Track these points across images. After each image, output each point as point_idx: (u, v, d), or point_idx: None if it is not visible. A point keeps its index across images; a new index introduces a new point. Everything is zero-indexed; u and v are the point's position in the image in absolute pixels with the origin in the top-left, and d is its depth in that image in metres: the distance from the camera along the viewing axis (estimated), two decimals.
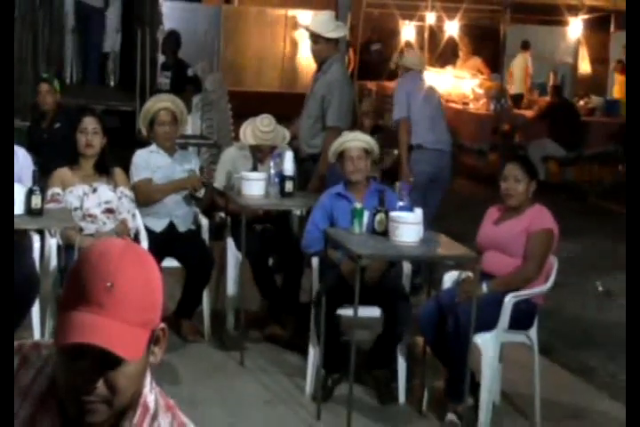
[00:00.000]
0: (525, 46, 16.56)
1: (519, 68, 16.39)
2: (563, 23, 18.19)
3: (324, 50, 7.71)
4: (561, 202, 7.83)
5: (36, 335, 5.65)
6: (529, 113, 14.74)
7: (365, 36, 19.08)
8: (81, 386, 1.79)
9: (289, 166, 6.68)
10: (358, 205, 5.58)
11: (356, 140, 5.96)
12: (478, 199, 6.30)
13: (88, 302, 1.76)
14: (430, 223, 6.04)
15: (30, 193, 5.52)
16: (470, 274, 5.32)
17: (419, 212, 5.44)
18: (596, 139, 13.54)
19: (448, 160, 8.20)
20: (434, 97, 8.62)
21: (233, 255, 6.67)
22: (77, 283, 1.80)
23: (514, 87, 16.11)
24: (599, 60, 19.43)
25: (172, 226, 6.58)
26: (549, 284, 5.36)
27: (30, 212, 5.53)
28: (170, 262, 6.14)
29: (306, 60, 16.36)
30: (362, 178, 5.93)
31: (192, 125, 10.01)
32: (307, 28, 7.91)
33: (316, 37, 7.70)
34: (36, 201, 5.54)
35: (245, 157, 6.97)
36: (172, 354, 5.53)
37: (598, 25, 18.83)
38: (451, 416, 5.23)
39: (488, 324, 5.15)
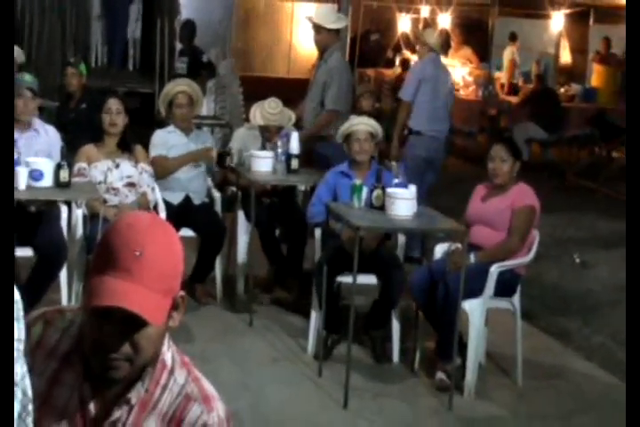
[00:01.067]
0: (513, 38, 16.45)
1: (507, 58, 16.29)
2: (546, 17, 18.20)
3: (326, 39, 7.74)
4: (542, 180, 7.81)
5: (64, 296, 5.66)
6: (514, 99, 14.73)
7: (365, 27, 19.06)
8: (107, 345, 1.80)
9: (294, 145, 6.63)
10: (358, 182, 5.59)
11: (363, 124, 5.96)
12: (467, 177, 6.30)
13: (118, 268, 1.76)
14: (424, 200, 6.02)
15: (59, 167, 5.51)
16: (459, 246, 5.30)
17: (413, 188, 5.42)
18: (575, 123, 13.59)
19: (443, 146, 8.04)
20: (446, 84, 8.35)
21: (243, 226, 6.68)
22: (108, 251, 1.80)
23: (506, 76, 16.02)
24: (579, 50, 19.43)
25: (187, 199, 6.57)
26: (531, 255, 5.37)
27: (59, 184, 5.51)
28: (185, 232, 6.12)
29: (309, 49, 16.30)
30: (366, 158, 5.93)
31: (206, 107, 10.00)
32: (310, 20, 7.86)
33: (318, 28, 7.72)
34: (64, 175, 5.52)
35: (255, 137, 6.95)
36: (186, 315, 5.43)
37: (578, 19, 18.85)
38: (440, 375, 5.24)
39: (475, 291, 5.14)
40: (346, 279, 5.44)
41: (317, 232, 5.95)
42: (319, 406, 4.97)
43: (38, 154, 5.76)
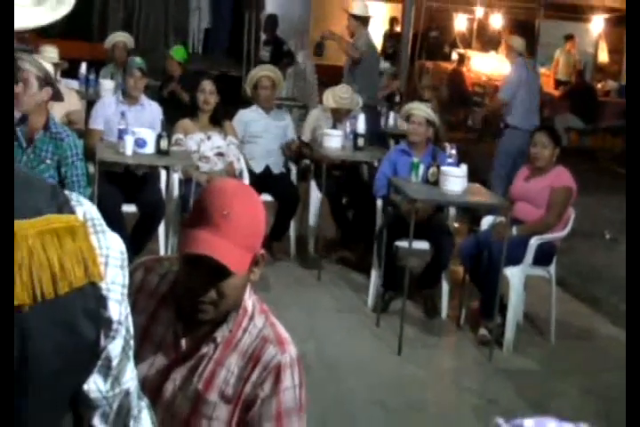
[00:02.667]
0: (570, 38, 16.04)
1: (565, 56, 15.92)
2: (586, 20, 18.06)
3: (353, 26, 8.06)
4: (579, 164, 7.65)
5: (162, 247, 5.77)
6: (556, 92, 14.50)
7: (426, 25, 18.98)
8: (196, 290, 1.84)
9: (361, 126, 6.70)
10: (416, 160, 5.59)
11: (421, 110, 5.93)
12: None
13: (209, 224, 1.79)
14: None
15: (159, 137, 5.59)
16: (503, 219, 5.23)
17: (464, 167, 5.40)
18: (609, 115, 13.38)
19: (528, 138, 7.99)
20: (537, 84, 8.35)
21: (315, 194, 6.71)
22: (201, 209, 1.83)
23: (559, 74, 15.70)
24: (615, 51, 19.19)
25: (267, 168, 6.60)
26: (567, 230, 5.31)
27: (159, 152, 5.58)
28: (265, 197, 6.14)
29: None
30: (419, 139, 5.87)
31: (286, 90, 10.04)
32: (344, 10, 8.16)
33: (348, 16, 8.08)
34: (164, 144, 5.59)
35: (327, 118, 6.99)
36: (264, 269, 5.52)
37: (615, 23, 18.72)
38: (482, 331, 5.22)
39: (516, 259, 5.10)
40: (402, 244, 5.42)
41: (379, 202, 5.92)
42: (376, 352, 4.97)
43: (143, 125, 5.83)
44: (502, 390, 4.59)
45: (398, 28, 16.37)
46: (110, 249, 1.14)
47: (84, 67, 8.14)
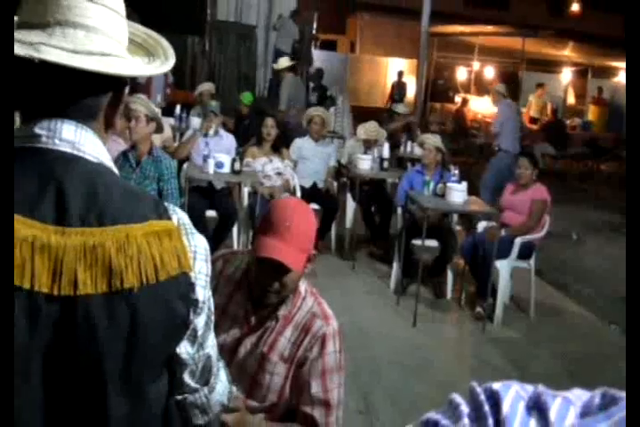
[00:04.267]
0: (540, 85, 15.93)
1: (532, 99, 15.77)
2: (557, 72, 18.20)
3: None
4: (552, 182, 7.55)
5: (235, 242, 5.75)
6: (531, 126, 14.36)
7: (435, 75, 18.96)
8: (265, 282, 1.84)
9: (386, 153, 6.67)
10: (428, 178, 5.55)
11: (431, 140, 5.88)
12: None
13: (274, 233, 1.80)
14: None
15: (233, 161, 5.59)
16: (494, 223, 5.19)
17: (464, 184, 5.37)
18: (576, 144, 13.28)
19: (514, 159, 7.99)
20: (519, 119, 8.32)
21: (350, 203, 6.67)
22: (269, 221, 1.83)
23: (532, 112, 15.52)
24: (580, 95, 19.04)
25: (315, 184, 6.56)
26: (544, 232, 5.22)
27: (233, 171, 5.58)
28: (313, 206, 6.12)
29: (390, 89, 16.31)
30: (430, 162, 5.80)
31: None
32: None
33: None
34: (237, 166, 5.59)
35: (359, 146, 6.95)
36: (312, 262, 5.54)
37: (580, 74, 18.75)
38: (478, 309, 5.16)
39: (504, 254, 5.04)
40: (417, 242, 5.36)
41: (399, 210, 5.86)
42: (396, 324, 4.92)
43: (222, 151, 5.83)
44: (492, 354, 4.53)
45: (403, 79, 16.33)
46: (197, 247, 1.13)
47: (178, 108, 8.22)
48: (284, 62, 8.82)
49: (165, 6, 12.51)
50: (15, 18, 1.04)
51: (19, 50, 0.96)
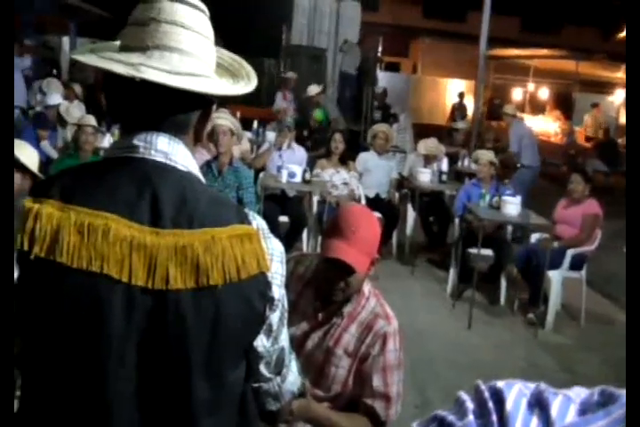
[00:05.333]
0: (595, 105, 15.46)
1: (588, 119, 15.32)
2: (610, 93, 17.56)
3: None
4: (604, 197, 7.29)
5: (304, 245, 5.76)
6: (587, 144, 13.95)
7: (491, 95, 18.68)
8: (331, 281, 1.85)
9: (444, 167, 6.63)
10: (484, 191, 5.47)
11: (486, 155, 5.79)
12: (555, 194, 6.00)
13: (341, 236, 1.80)
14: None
15: (304, 171, 5.64)
16: (547, 235, 5.03)
17: (519, 197, 5.26)
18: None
19: (538, 171, 7.82)
20: (533, 135, 8.14)
21: (410, 213, 6.60)
22: (336, 225, 1.84)
23: (587, 131, 15.08)
24: None
25: (377, 194, 6.52)
26: (595, 244, 5.05)
27: (304, 181, 5.64)
28: (375, 215, 6.09)
29: (450, 107, 16.18)
30: (485, 176, 5.70)
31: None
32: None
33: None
34: (307, 176, 5.65)
35: (420, 160, 6.89)
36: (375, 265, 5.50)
37: None
38: (530, 315, 5.03)
39: (556, 265, 4.90)
40: (473, 250, 5.25)
41: (456, 220, 5.78)
42: (452, 326, 4.85)
43: (294, 162, 5.90)
44: (542, 358, 4.40)
45: (464, 101, 16.03)
46: (274, 249, 1.15)
47: (255, 123, 8.35)
48: (314, 89, 8.95)
49: (246, 32, 12.75)
50: (117, 42, 1.09)
51: (121, 69, 1.00)
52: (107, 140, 5.94)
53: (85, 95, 8.18)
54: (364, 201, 6.13)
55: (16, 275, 1.01)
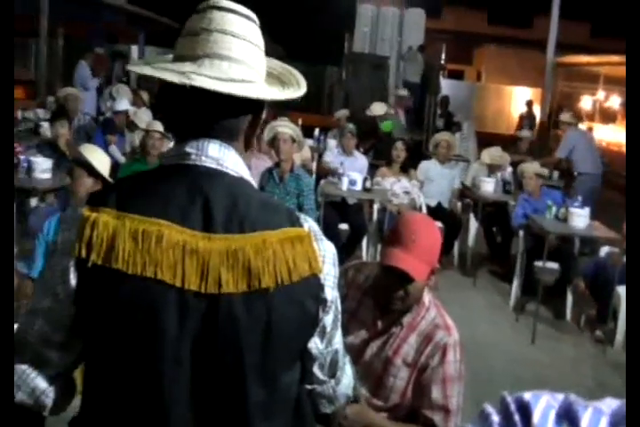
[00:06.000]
0: None
1: None
2: None
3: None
4: None
5: (364, 253, 5.72)
6: None
7: (558, 103, 18.28)
8: (390, 289, 1.84)
9: (508, 176, 6.46)
10: (550, 203, 5.28)
11: (530, 168, 5.70)
12: (623, 203, 5.81)
13: (401, 244, 1.79)
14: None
15: (365, 179, 5.68)
16: (617, 249, 4.84)
17: (587, 209, 5.08)
18: None
19: (599, 179, 7.52)
20: (594, 141, 7.92)
21: (473, 223, 6.50)
22: (397, 233, 1.83)
23: None
24: None
25: (439, 204, 6.45)
26: None
27: (365, 189, 5.65)
28: (436, 224, 6.02)
29: (515, 115, 15.86)
30: (533, 189, 5.62)
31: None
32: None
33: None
34: (368, 184, 5.67)
35: (483, 169, 6.77)
36: (436, 276, 5.42)
37: None
38: (598, 332, 4.85)
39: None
40: (538, 263, 5.10)
41: (520, 232, 5.59)
42: (514, 341, 4.72)
43: (355, 170, 5.94)
44: (611, 378, 4.22)
45: (533, 110, 15.61)
46: (326, 251, 1.16)
47: (317, 131, 8.40)
48: (379, 110, 8.50)
49: (308, 40, 12.87)
50: (170, 56, 1.13)
51: (174, 78, 1.04)
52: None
53: (152, 102, 8.42)
54: (425, 210, 6.08)
55: (74, 282, 1.04)
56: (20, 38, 13.26)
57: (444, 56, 14.04)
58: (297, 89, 1.15)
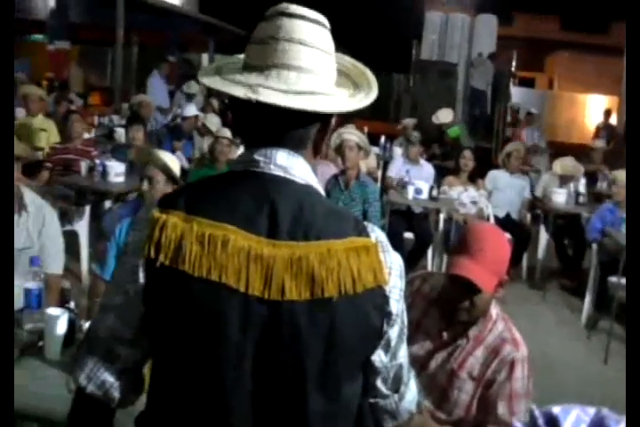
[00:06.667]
0: None
1: None
2: None
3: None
4: None
5: (429, 264, 5.66)
6: None
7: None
8: (456, 299, 1.82)
9: (582, 187, 6.32)
10: (624, 215, 5.05)
11: (624, 177, 5.38)
12: None
13: (468, 253, 1.77)
14: None
15: (431, 188, 5.64)
16: None
17: None
18: None
19: None
20: None
21: (543, 235, 6.30)
22: (464, 242, 1.81)
23: None
24: None
25: (508, 214, 6.29)
26: None
27: (431, 198, 5.61)
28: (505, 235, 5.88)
29: (591, 125, 15.36)
30: (623, 200, 5.30)
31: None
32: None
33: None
34: (434, 193, 5.62)
35: (555, 180, 6.58)
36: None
37: None
38: None
39: None
40: (612, 279, 4.90)
41: (594, 245, 5.37)
42: (586, 359, 4.55)
43: (421, 179, 5.89)
44: None
45: (610, 120, 15.04)
46: (393, 263, 1.14)
47: (382, 138, 8.38)
48: (446, 117, 8.41)
49: (375, 47, 12.88)
50: (241, 59, 1.14)
51: (240, 92, 1.05)
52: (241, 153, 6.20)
53: (221, 109, 8.60)
54: (492, 221, 5.95)
55: (143, 281, 1.07)
56: (96, 47, 13.85)
57: (514, 63, 13.79)
58: (367, 93, 1.14)
